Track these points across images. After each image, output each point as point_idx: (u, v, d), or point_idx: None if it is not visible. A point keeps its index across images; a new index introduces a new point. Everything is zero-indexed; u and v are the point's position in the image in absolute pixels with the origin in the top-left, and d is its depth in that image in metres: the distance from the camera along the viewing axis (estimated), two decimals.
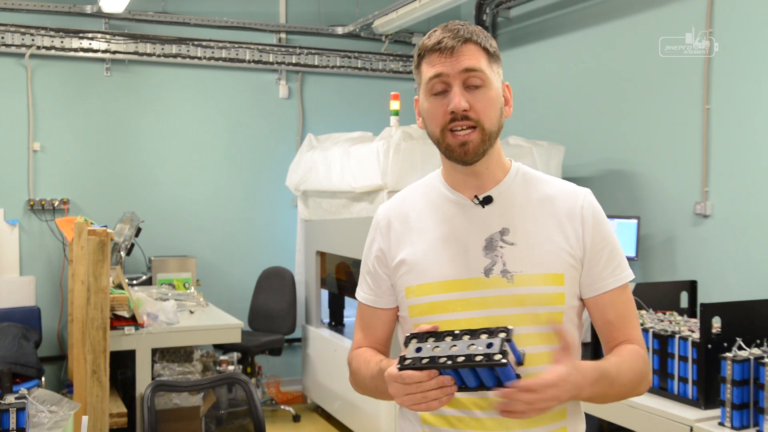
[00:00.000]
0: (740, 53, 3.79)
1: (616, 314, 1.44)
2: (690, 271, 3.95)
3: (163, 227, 5.57)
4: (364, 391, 1.53)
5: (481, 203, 1.44)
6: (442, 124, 1.39)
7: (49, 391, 2.55)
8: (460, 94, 1.36)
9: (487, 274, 1.40)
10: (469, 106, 1.36)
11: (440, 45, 1.38)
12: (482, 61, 1.38)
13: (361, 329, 1.57)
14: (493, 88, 1.39)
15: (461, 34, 1.38)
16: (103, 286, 3.58)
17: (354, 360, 1.53)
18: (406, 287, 1.46)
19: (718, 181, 3.89)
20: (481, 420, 1.37)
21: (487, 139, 1.39)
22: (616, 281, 1.44)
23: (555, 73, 5.15)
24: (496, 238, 1.42)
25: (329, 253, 5.17)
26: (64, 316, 5.21)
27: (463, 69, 1.36)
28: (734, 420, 2.33)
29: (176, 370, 4.18)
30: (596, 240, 1.43)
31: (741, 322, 2.50)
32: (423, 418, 1.44)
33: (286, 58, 5.88)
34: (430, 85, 1.39)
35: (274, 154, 5.91)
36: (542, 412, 1.24)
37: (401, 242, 1.48)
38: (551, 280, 1.39)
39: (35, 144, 5.25)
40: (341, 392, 4.82)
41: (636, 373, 1.40)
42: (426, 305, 1.43)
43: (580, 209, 1.44)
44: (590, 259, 1.42)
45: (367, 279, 1.55)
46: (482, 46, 1.39)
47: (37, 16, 5.23)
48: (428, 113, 1.42)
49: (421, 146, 4.13)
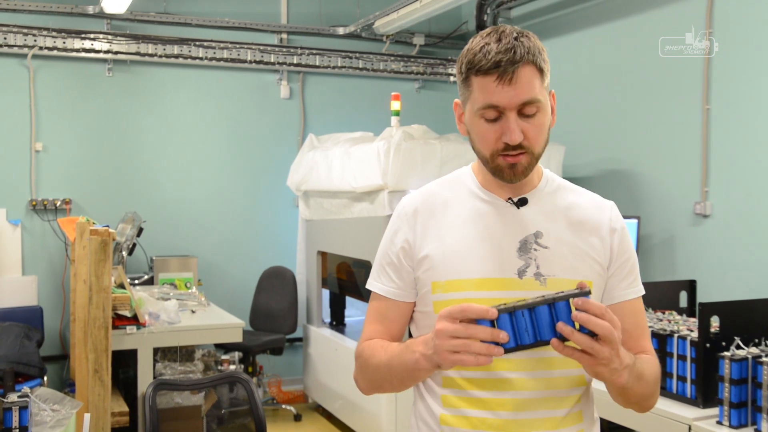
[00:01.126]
0: (740, 53, 3.80)
1: (634, 324, 1.45)
2: (689, 270, 3.96)
3: (165, 227, 5.58)
4: (371, 381, 1.48)
5: (516, 204, 1.44)
6: (493, 150, 1.36)
7: (51, 389, 2.57)
8: (516, 128, 1.32)
9: (520, 276, 1.39)
10: (523, 136, 1.33)
11: (498, 71, 1.30)
12: (536, 85, 1.33)
13: (377, 322, 1.50)
14: (546, 112, 1.36)
15: (519, 55, 1.30)
16: (105, 285, 3.59)
17: (367, 348, 1.47)
18: (432, 282, 1.42)
19: (718, 181, 3.90)
20: (504, 422, 1.36)
21: (536, 161, 1.38)
22: (634, 292, 1.46)
23: (555, 73, 5.11)
24: (530, 240, 1.41)
25: (330, 252, 5.18)
26: (66, 315, 5.23)
27: (521, 101, 1.31)
28: (732, 419, 2.33)
29: (178, 369, 4.20)
30: (621, 251, 1.45)
31: (739, 322, 2.51)
32: (443, 419, 1.41)
33: (287, 58, 5.89)
34: (483, 111, 1.34)
35: (276, 154, 5.92)
36: (606, 368, 1.20)
37: (428, 235, 1.45)
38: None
39: (37, 144, 5.26)
40: (342, 392, 4.83)
41: (655, 380, 1.41)
42: (455, 302, 1.36)
43: (609, 221, 1.45)
44: (615, 270, 1.44)
45: (388, 271, 1.49)
46: (537, 67, 1.33)
47: (39, 16, 5.25)
48: (478, 135, 1.38)
49: (422, 146, 4.14)
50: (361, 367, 1.48)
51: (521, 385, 1.37)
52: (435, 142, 4.23)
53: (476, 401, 1.38)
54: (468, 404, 1.39)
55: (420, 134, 4.35)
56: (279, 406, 5.50)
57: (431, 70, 6.25)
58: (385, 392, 1.50)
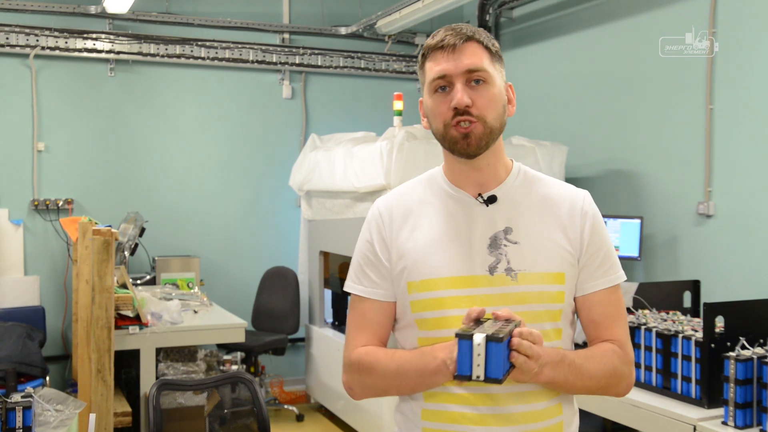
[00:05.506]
0: (743, 53, 3.79)
1: (603, 314, 1.46)
2: (693, 270, 3.95)
3: (167, 227, 5.58)
4: (371, 387, 1.48)
5: (486, 202, 1.46)
6: (445, 120, 1.42)
7: (54, 390, 2.56)
8: (463, 91, 1.39)
9: (491, 272, 1.42)
10: (472, 102, 1.39)
11: (443, 43, 1.42)
12: (484, 60, 1.41)
13: (363, 328, 1.50)
14: (495, 86, 1.43)
15: (464, 33, 1.42)
16: (107, 285, 3.59)
17: (366, 355, 1.46)
18: (408, 282, 1.45)
19: (721, 181, 3.90)
20: (484, 416, 1.38)
21: (489, 133, 1.41)
22: (606, 282, 1.47)
23: (558, 73, 5.15)
24: (500, 236, 1.44)
25: (332, 252, 5.18)
26: (68, 315, 5.22)
27: (465, 67, 1.40)
28: (737, 419, 2.33)
29: (180, 369, 4.19)
30: (593, 241, 1.46)
31: (744, 322, 2.51)
32: (424, 414, 1.44)
33: (289, 58, 5.89)
34: (434, 83, 1.43)
35: (278, 154, 5.92)
36: (521, 371, 1.27)
37: (402, 236, 1.48)
38: (553, 278, 1.43)
39: (39, 144, 5.26)
40: (344, 392, 4.82)
41: (609, 369, 1.42)
42: (431, 300, 1.43)
43: (580, 210, 1.47)
44: (586, 260, 1.46)
45: (369, 273, 1.51)
46: (484, 45, 1.43)
47: (41, 16, 5.25)
48: (432, 110, 1.46)
49: (425, 146, 4.14)
50: (359, 374, 1.48)
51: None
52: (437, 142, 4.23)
53: (456, 396, 1.40)
54: (448, 400, 1.41)
55: (422, 134, 4.34)
56: (281, 406, 5.49)
57: None
58: (386, 396, 1.51)
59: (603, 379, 1.41)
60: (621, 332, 1.47)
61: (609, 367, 1.42)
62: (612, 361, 1.43)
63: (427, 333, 1.44)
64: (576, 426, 1.50)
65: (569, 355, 1.38)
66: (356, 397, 1.54)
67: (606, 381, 1.42)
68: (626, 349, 1.46)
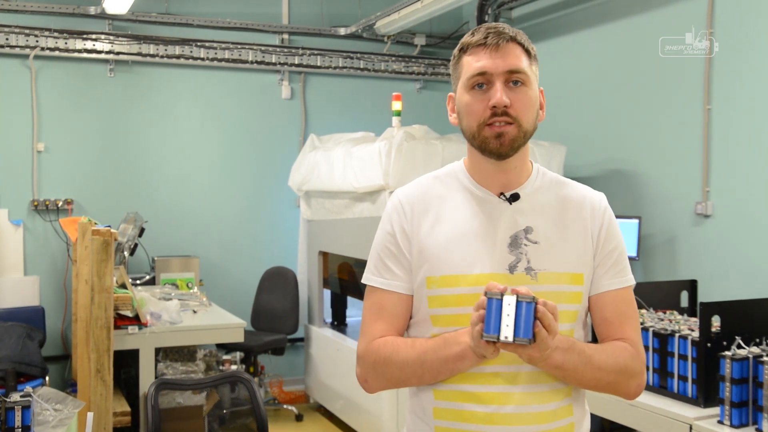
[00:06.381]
0: (741, 53, 3.80)
1: (615, 312, 1.47)
2: (690, 270, 3.96)
3: (167, 227, 5.59)
4: (390, 378, 1.46)
5: (509, 200, 1.46)
6: (480, 119, 1.41)
7: (53, 389, 2.57)
8: (503, 90, 1.39)
9: (511, 271, 1.42)
10: (510, 103, 1.39)
11: (486, 41, 1.41)
12: (524, 62, 1.42)
13: (381, 319, 1.48)
14: (533, 89, 1.43)
15: (506, 33, 1.42)
16: (106, 285, 3.60)
17: (384, 346, 1.45)
18: (427, 276, 1.44)
19: (719, 181, 3.90)
20: (495, 415, 1.38)
21: (523, 136, 1.42)
22: (620, 282, 1.48)
23: (556, 74, 5.16)
24: (521, 235, 1.44)
25: (331, 252, 5.18)
26: (68, 315, 5.23)
27: (507, 67, 1.40)
28: (733, 418, 2.34)
29: (179, 369, 4.20)
30: (609, 240, 1.48)
31: (740, 321, 2.52)
32: (436, 412, 1.43)
33: (288, 58, 5.90)
34: (473, 79, 1.41)
35: (277, 155, 5.93)
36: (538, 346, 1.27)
37: (423, 229, 1.47)
38: (572, 279, 1.44)
39: (39, 144, 5.27)
40: (344, 392, 4.84)
41: (619, 363, 1.42)
42: (450, 297, 1.42)
43: (599, 211, 1.49)
44: (601, 258, 1.47)
45: (390, 265, 1.48)
46: (524, 47, 1.43)
47: (41, 17, 5.26)
48: (467, 107, 1.44)
49: (423, 146, 4.15)
50: (376, 366, 1.46)
51: (512, 379, 1.39)
52: (436, 142, 4.24)
53: (468, 395, 1.40)
54: (460, 398, 1.41)
55: (421, 134, 4.35)
56: (280, 406, 5.50)
57: (432, 70, 6.25)
58: (406, 387, 1.50)
59: (613, 374, 1.41)
60: (633, 332, 1.48)
61: (620, 361, 1.42)
62: (623, 356, 1.43)
63: (441, 329, 1.43)
64: (587, 427, 1.50)
65: (579, 344, 1.39)
66: (371, 389, 1.51)
67: (616, 376, 1.42)
68: (638, 348, 1.47)
